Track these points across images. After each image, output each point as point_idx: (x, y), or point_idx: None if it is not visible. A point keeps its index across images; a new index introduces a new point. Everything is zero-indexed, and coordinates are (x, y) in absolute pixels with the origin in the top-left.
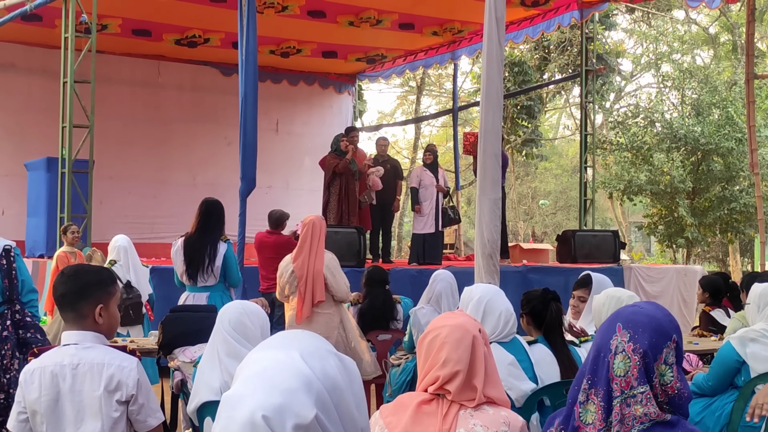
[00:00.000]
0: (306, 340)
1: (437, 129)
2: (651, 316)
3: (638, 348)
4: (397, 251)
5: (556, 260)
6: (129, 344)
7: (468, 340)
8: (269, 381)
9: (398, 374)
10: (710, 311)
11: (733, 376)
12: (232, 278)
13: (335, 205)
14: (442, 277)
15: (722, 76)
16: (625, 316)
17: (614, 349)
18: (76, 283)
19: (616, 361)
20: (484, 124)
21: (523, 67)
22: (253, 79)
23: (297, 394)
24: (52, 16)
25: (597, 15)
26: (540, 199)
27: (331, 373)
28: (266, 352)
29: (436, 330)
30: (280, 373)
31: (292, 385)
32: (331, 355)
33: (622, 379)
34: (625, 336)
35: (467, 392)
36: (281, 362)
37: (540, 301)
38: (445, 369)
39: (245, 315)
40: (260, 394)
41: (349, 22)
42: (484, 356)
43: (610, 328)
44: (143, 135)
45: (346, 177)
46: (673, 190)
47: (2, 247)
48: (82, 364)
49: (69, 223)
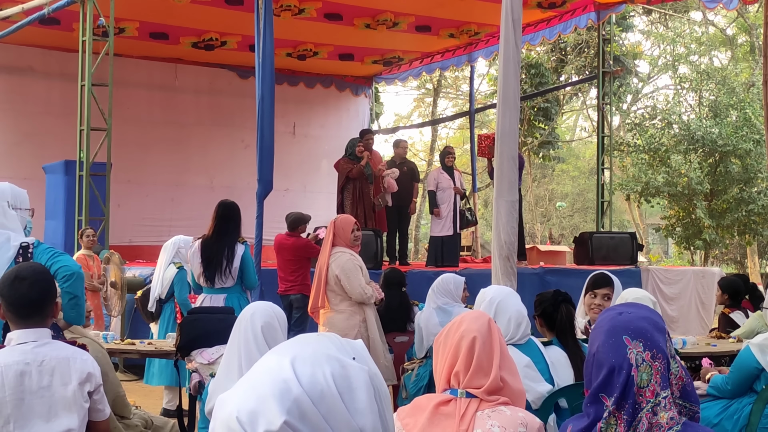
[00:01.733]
0: (308, 345)
1: (454, 131)
2: (646, 317)
3: (656, 353)
4: (414, 254)
5: (573, 262)
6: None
7: (485, 318)
8: (251, 385)
9: (413, 379)
10: (729, 313)
11: (752, 381)
12: (249, 280)
13: (350, 208)
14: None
15: (740, 77)
16: (626, 326)
17: (635, 362)
18: (43, 285)
19: (639, 373)
20: (500, 127)
21: (540, 69)
22: (270, 82)
23: (267, 401)
24: (69, 20)
25: (614, 17)
26: (557, 201)
27: (319, 381)
28: (267, 357)
29: (453, 324)
30: (262, 379)
31: (265, 391)
32: (330, 361)
33: (646, 389)
34: (638, 346)
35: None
36: (268, 368)
37: (551, 303)
38: (465, 335)
39: (274, 317)
40: (240, 398)
41: (365, 24)
42: (500, 341)
43: (618, 343)
44: (160, 138)
45: (360, 180)
46: (691, 191)
47: (20, 245)
48: (47, 360)
49: (85, 227)
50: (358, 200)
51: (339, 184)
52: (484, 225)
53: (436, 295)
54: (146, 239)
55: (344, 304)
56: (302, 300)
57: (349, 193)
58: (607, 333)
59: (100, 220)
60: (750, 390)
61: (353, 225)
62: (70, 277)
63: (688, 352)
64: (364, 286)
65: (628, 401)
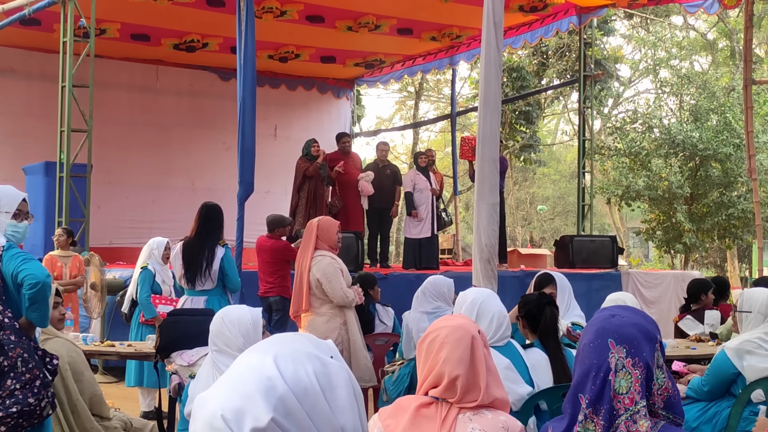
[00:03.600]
0: (289, 344)
1: (435, 134)
2: (638, 324)
3: (638, 362)
4: (395, 256)
5: (554, 265)
6: None
7: (467, 341)
8: (233, 384)
9: (394, 382)
10: (677, 321)
11: (729, 384)
12: (231, 283)
13: (303, 209)
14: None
15: (720, 81)
16: (614, 330)
17: (614, 367)
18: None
19: (617, 379)
20: (482, 129)
21: (522, 72)
22: (252, 84)
23: (254, 398)
24: (50, 21)
25: (595, 20)
26: (538, 205)
27: (302, 378)
28: (245, 356)
29: (436, 331)
30: (245, 377)
31: (250, 389)
32: (311, 359)
33: (625, 396)
34: (621, 352)
35: (471, 393)
36: (250, 366)
37: (535, 305)
38: (445, 368)
39: (223, 325)
40: (222, 396)
41: (347, 27)
42: (484, 357)
43: (603, 345)
44: (141, 139)
45: (315, 181)
46: (671, 195)
47: None
48: None
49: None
50: (311, 201)
51: (295, 184)
52: (465, 228)
53: (426, 298)
54: (127, 241)
55: (325, 307)
56: (281, 302)
57: (304, 193)
58: (595, 333)
59: (80, 221)
60: (727, 393)
61: (337, 227)
62: (35, 285)
63: (668, 355)
64: (346, 289)
65: (603, 406)
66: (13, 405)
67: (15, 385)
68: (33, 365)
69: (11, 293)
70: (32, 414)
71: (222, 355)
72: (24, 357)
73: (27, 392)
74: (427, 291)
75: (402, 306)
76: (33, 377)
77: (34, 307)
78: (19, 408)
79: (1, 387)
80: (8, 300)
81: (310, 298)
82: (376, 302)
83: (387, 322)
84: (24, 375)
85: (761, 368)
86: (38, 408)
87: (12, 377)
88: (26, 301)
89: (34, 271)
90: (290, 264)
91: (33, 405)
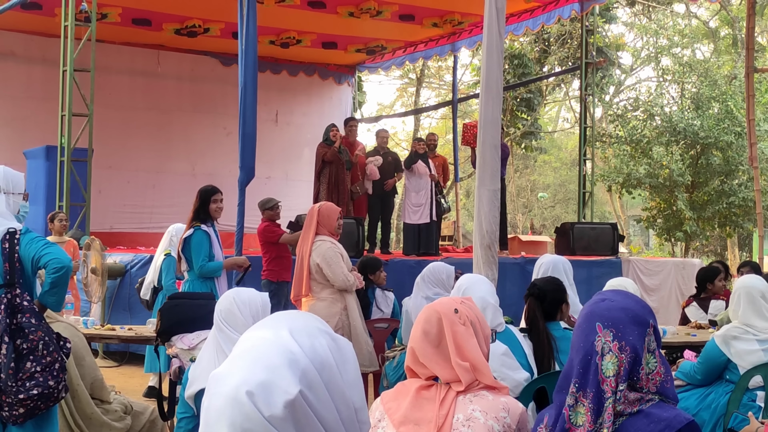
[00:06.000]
0: (298, 319)
1: (437, 121)
2: (626, 308)
3: (624, 345)
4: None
5: (554, 252)
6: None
7: (435, 319)
8: (253, 358)
9: (395, 368)
10: (685, 307)
11: (721, 370)
12: (190, 265)
13: (325, 195)
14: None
15: (722, 69)
16: (601, 314)
17: (600, 351)
18: None
19: (604, 362)
20: (483, 116)
21: (523, 59)
22: (253, 70)
23: (280, 370)
24: (51, 5)
25: (597, 8)
26: (539, 192)
27: (320, 351)
28: (256, 331)
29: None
30: (265, 350)
31: (275, 362)
32: (322, 334)
33: (612, 379)
34: (608, 335)
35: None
36: (268, 340)
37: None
38: (413, 344)
39: (234, 305)
40: (244, 371)
41: (349, 12)
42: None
43: (590, 329)
44: (142, 124)
45: (336, 167)
46: (672, 183)
47: (6, 231)
48: None
49: (56, 210)
50: (333, 187)
51: (316, 171)
52: (466, 215)
53: (426, 284)
54: (127, 226)
55: (326, 292)
56: (267, 285)
57: (325, 178)
58: (584, 317)
59: (81, 206)
60: (719, 378)
61: (338, 213)
62: (59, 269)
63: (668, 342)
64: (347, 273)
65: (591, 389)
66: (34, 387)
67: (36, 367)
68: (53, 348)
69: (28, 277)
70: (50, 396)
71: (227, 335)
72: (45, 340)
73: (47, 375)
74: (427, 277)
75: (403, 292)
76: (53, 360)
77: (53, 291)
78: (40, 390)
79: (20, 369)
80: (24, 283)
81: (311, 283)
82: (376, 287)
83: (385, 309)
84: (45, 358)
85: (748, 351)
86: (56, 390)
87: (32, 360)
88: (47, 285)
89: (59, 255)
90: (278, 246)
91: (52, 387)
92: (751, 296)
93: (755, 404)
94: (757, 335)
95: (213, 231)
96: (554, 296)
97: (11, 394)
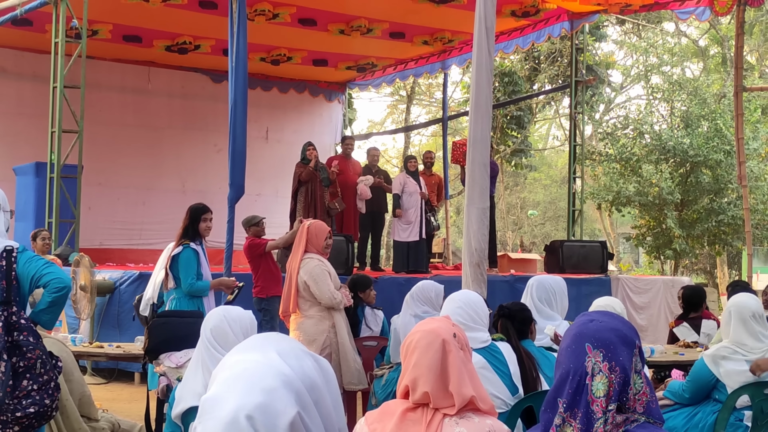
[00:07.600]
0: (282, 342)
1: (427, 138)
2: (615, 329)
3: (614, 366)
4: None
5: (544, 270)
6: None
7: (437, 345)
8: (249, 381)
9: (383, 386)
10: (673, 327)
11: (709, 390)
12: (179, 282)
13: (302, 212)
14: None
15: (711, 88)
16: (592, 335)
17: (591, 371)
18: None
19: (594, 383)
20: (473, 134)
21: (513, 77)
22: (243, 87)
23: (277, 393)
24: (42, 21)
25: (587, 26)
26: (529, 210)
27: (309, 373)
28: (243, 354)
29: (411, 336)
30: (259, 373)
31: (271, 384)
32: (306, 355)
33: (602, 400)
34: (598, 356)
35: (445, 399)
36: (260, 363)
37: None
38: (415, 373)
39: (225, 322)
40: (241, 394)
41: (339, 30)
42: (460, 360)
43: (580, 349)
44: (133, 141)
45: (312, 185)
46: (662, 201)
47: (3, 248)
48: None
49: (39, 229)
50: (310, 204)
51: (292, 189)
52: (456, 232)
53: (414, 302)
54: (117, 242)
55: (313, 310)
56: (258, 303)
57: (301, 196)
58: (572, 338)
59: (70, 222)
60: (707, 397)
61: (327, 233)
62: (61, 289)
63: (656, 361)
64: (333, 290)
65: (581, 409)
66: (30, 405)
67: (32, 386)
68: (49, 367)
69: (24, 295)
70: (44, 415)
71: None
72: (42, 359)
73: (44, 393)
74: (416, 296)
75: (393, 309)
76: (49, 378)
77: (50, 310)
78: (36, 409)
79: (17, 387)
80: (20, 302)
81: (299, 300)
82: (366, 305)
83: (374, 327)
84: (42, 376)
85: (737, 372)
86: (50, 409)
87: (29, 378)
88: (45, 303)
89: (61, 275)
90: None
91: (47, 406)
92: (742, 316)
93: (742, 423)
94: (746, 355)
95: (201, 249)
96: (523, 315)
97: (7, 412)
